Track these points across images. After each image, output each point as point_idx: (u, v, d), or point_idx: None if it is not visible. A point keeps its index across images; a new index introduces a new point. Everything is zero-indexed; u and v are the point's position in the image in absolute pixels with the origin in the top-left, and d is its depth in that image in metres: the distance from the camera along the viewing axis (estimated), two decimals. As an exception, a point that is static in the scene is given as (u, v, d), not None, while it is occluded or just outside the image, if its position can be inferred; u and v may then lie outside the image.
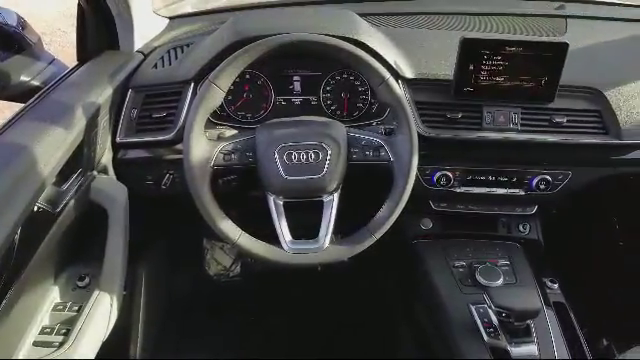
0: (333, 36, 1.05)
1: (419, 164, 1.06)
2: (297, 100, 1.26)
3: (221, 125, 1.23)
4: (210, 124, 1.21)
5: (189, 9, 1.59)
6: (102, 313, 1.02)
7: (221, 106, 1.22)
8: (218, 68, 1.00)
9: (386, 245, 1.09)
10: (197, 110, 0.98)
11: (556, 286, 1.28)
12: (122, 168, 1.22)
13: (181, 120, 1.15)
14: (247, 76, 1.23)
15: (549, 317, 1.18)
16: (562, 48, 1.12)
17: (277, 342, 1.78)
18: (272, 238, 1.04)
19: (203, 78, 1.04)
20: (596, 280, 1.71)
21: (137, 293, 1.53)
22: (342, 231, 1.14)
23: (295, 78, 1.25)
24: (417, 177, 1.18)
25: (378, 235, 1.05)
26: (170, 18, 1.50)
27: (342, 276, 1.85)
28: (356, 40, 1.14)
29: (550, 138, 1.21)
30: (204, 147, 1.01)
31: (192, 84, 1.17)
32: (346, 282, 1.91)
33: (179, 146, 1.15)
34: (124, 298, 1.12)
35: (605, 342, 1.52)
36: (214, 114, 1.21)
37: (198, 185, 0.99)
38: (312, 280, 1.91)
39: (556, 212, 1.46)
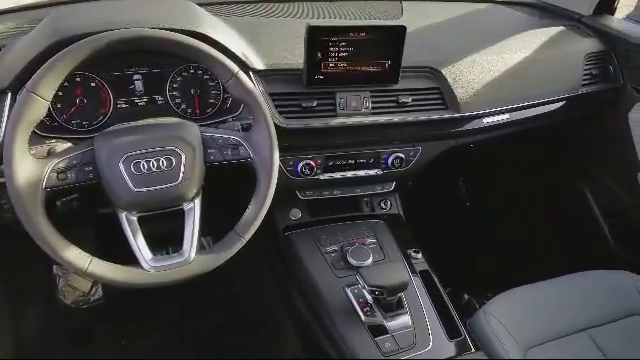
0: (171, 30, 0.97)
1: (281, 156, 1.03)
2: (141, 101, 1.14)
3: (52, 138, 1.05)
4: (37, 139, 1.03)
5: (-3, 5, 1.36)
6: None
7: (50, 116, 1.06)
8: (37, 74, 0.86)
9: (259, 242, 1.06)
10: (16, 126, 0.84)
11: (420, 255, 1.36)
12: None
13: None
14: (77, 79, 1.07)
15: (417, 286, 1.26)
16: (400, 31, 1.17)
17: None
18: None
19: (21, 87, 0.89)
20: (452, 242, 1.88)
21: None
22: (214, 233, 1.08)
23: (135, 77, 1.12)
24: (281, 169, 1.16)
25: (247, 236, 1.01)
26: (-27, 17, 1.27)
27: (219, 279, 1.77)
28: (198, 33, 1.06)
29: (398, 118, 1.27)
30: (31, 167, 0.86)
31: (8, 95, 0.99)
32: (224, 285, 1.83)
33: (1, 168, 0.98)
34: None
35: (466, 297, 1.68)
36: (41, 126, 1.03)
37: (29, 212, 0.84)
38: (187, 288, 1.80)
39: (411, 185, 1.56)
